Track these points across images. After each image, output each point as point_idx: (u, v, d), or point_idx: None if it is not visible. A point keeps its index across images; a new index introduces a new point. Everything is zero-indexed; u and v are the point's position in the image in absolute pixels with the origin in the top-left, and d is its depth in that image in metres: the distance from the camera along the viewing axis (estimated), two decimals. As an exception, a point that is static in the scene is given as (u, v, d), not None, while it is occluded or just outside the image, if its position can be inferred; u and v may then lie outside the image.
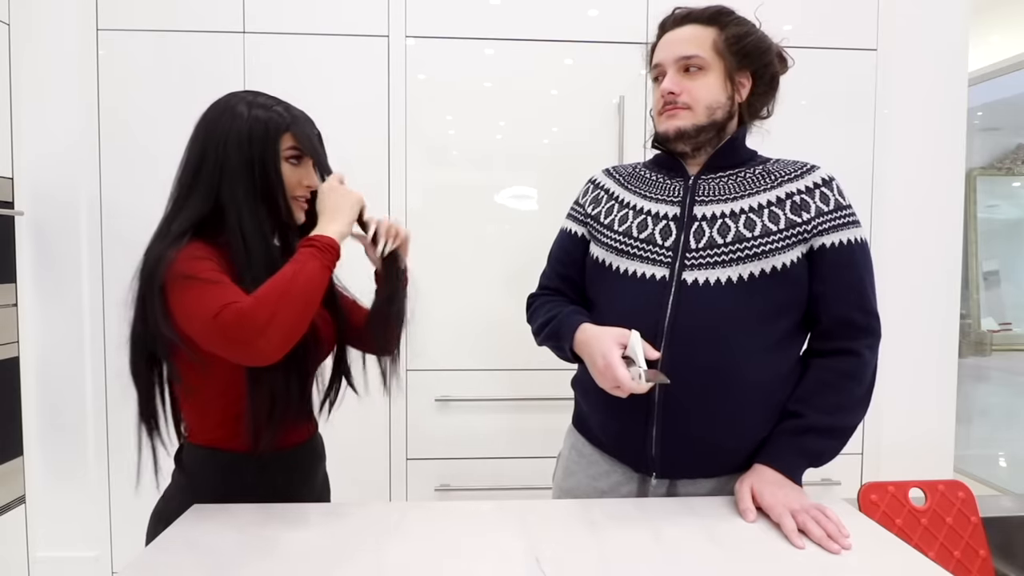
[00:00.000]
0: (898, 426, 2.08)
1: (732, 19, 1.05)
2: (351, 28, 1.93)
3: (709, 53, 1.03)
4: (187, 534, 0.90)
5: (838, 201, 1.03)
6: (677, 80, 1.04)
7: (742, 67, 1.05)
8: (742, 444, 1.02)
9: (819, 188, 1.03)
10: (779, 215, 1.01)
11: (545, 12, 1.96)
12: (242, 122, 0.95)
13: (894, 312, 2.05)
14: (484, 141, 1.98)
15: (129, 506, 1.95)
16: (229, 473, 1.00)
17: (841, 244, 1.01)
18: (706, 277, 1.00)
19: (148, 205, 1.93)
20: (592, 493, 1.11)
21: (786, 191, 1.03)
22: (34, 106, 1.90)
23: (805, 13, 2.00)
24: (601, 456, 1.11)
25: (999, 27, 3.00)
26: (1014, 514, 1.51)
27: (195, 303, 0.86)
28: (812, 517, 0.90)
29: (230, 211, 0.94)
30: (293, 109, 1.00)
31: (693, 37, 1.04)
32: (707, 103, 1.04)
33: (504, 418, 2.00)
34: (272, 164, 0.96)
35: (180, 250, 0.90)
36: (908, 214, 2.05)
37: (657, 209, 1.07)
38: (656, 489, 1.06)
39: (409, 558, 0.83)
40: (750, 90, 1.07)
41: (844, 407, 1.00)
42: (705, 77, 1.04)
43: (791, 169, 1.06)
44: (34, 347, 1.93)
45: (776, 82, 1.10)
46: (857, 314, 1.02)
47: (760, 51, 1.05)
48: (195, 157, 0.97)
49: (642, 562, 0.82)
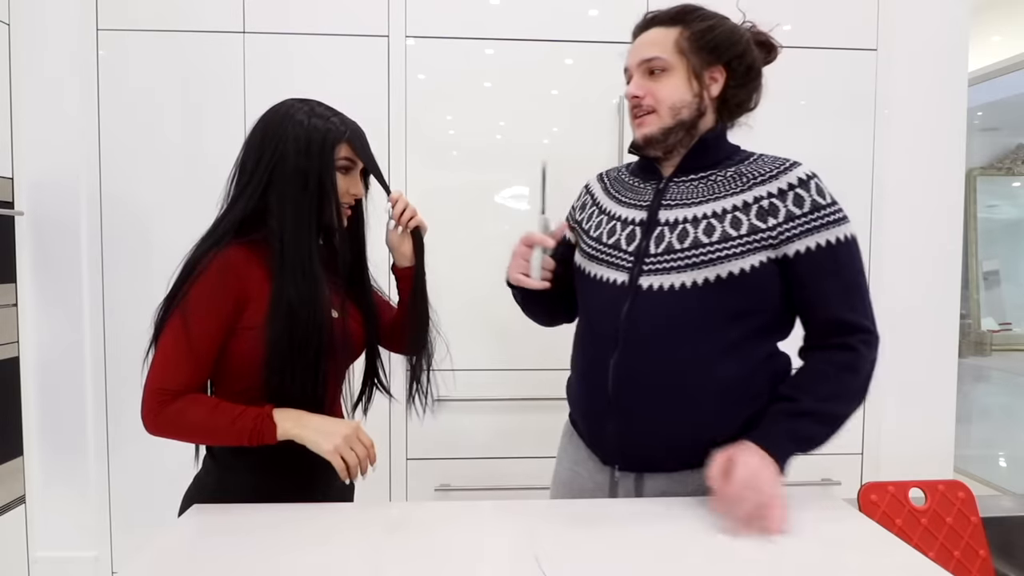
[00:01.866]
0: (898, 426, 2.08)
1: (696, 16, 1.04)
2: (351, 28, 1.93)
3: (671, 53, 1.03)
4: (187, 534, 0.90)
5: (815, 202, 0.99)
6: (640, 83, 1.05)
7: (712, 62, 1.03)
8: (698, 443, 1.01)
9: (793, 190, 1.00)
10: (742, 220, 0.99)
11: (545, 12, 1.96)
12: (301, 130, 0.98)
13: (894, 312, 2.06)
14: (484, 141, 1.98)
15: (129, 506, 1.95)
16: (255, 462, 1.01)
17: (819, 247, 0.99)
18: (660, 282, 1.00)
19: (148, 204, 1.96)
20: (573, 479, 1.14)
21: (755, 195, 1.00)
22: (34, 106, 1.90)
23: (805, 13, 2.00)
24: (582, 443, 1.15)
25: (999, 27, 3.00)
26: (1014, 514, 1.51)
27: (162, 347, 0.96)
28: (757, 515, 0.89)
29: (274, 214, 0.98)
30: (348, 120, 1.04)
31: (655, 39, 1.04)
32: (670, 104, 1.03)
33: (504, 418, 2.00)
34: (328, 173, 0.99)
35: (216, 255, 0.95)
36: (908, 214, 2.05)
37: (627, 215, 1.09)
38: (624, 480, 1.07)
39: (409, 558, 0.83)
40: (725, 84, 1.05)
41: (839, 396, 0.99)
42: (668, 78, 1.03)
43: (767, 169, 1.02)
44: (34, 347, 1.93)
45: (754, 72, 1.07)
46: (849, 315, 1.00)
47: (729, 43, 1.03)
48: (251, 160, 1.00)
49: (642, 562, 0.82)
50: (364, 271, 1.13)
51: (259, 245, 0.98)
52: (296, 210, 0.97)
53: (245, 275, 0.97)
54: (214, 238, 0.98)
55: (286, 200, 0.97)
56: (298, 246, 0.97)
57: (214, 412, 0.94)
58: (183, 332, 0.94)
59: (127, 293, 1.93)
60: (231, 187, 1.03)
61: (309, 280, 0.97)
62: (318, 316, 0.97)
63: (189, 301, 0.94)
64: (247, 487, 1.01)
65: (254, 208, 0.99)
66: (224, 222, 1.00)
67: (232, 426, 0.93)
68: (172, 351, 0.95)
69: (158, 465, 1.87)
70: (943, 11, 2.04)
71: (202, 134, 1.92)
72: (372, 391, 1.19)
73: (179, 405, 0.94)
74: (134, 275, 1.93)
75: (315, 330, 0.97)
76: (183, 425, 0.94)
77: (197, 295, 0.94)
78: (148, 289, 1.90)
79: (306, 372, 0.98)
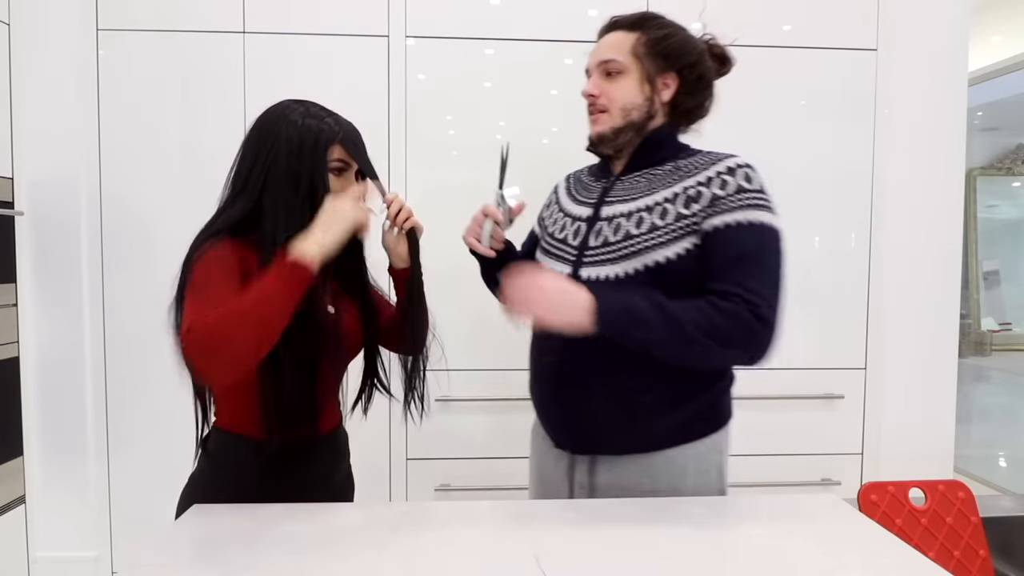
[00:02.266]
0: (898, 426, 2.08)
1: (654, 23, 1.10)
2: (351, 28, 1.93)
3: (627, 57, 1.08)
4: (187, 534, 0.90)
5: (740, 185, 1.01)
6: (597, 83, 1.10)
7: (665, 68, 1.08)
8: (640, 426, 1.06)
9: (720, 176, 1.02)
10: (668, 210, 1.03)
11: (545, 12, 1.96)
12: (294, 130, 0.99)
13: (894, 312, 2.06)
14: (484, 141, 1.98)
15: (129, 506, 1.95)
16: (249, 460, 1.01)
17: (727, 225, 0.99)
18: (598, 274, 1.05)
19: (148, 204, 1.96)
20: (540, 468, 1.20)
21: (684, 185, 1.04)
22: (34, 106, 1.90)
23: (805, 13, 2.00)
24: (545, 433, 1.19)
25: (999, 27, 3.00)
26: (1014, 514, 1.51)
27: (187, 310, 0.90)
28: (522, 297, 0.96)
29: (268, 215, 0.98)
30: (343, 121, 1.04)
31: (615, 43, 1.10)
32: (622, 104, 1.08)
33: (504, 418, 2.00)
34: (321, 173, 0.99)
35: (212, 246, 0.94)
36: (908, 214, 2.05)
37: (577, 211, 1.15)
38: (579, 465, 1.11)
39: (409, 558, 0.83)
40: (676, 90, 1.10)
41: (693, 318, 0.95)
42: (623, 80, 1.08)
43: (703, 162, 1.06)
44: (34, 347, 1.93)
45: (705, 82, 1.12)
46: (737, 290, 0.96)
47: (683, 52, 1.08)
48: (247, 160, 1.01)
49: (642, 562, 0.82)
50: (363, 270, 1.12)
51: (253, 245, 0.98)
52: (289, 212, 0.97)
53: (242, 268, 0.96)
54: (208, 234, 0.98)
55: (279, 202, 0.98)
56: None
57: (247, 294, 0.87)
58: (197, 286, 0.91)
59: (127, 293, 1.93)
60: (227, 186, 1.03)
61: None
62: (314, 315, 0.97)
63: (196, 270, 0.93)
64: (241, 486, 1.01)
65: (251, 210, 0.99)
66: (219, 221, 1.00)
67: (275, 296, 0.87)
68: (203, 290, 0.90)
69: (158, 465, 1.87)
70: (943, 11, 2.04)
71: (202, 134, 1.91)
72: (372, 391, 1.19)
73: (215, 313, 0.85)
74: (134, 275, 1.93)
75: (309, 329, 0.96)
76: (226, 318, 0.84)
77: (204, 268, 0.92)
78: (148, 289, 1.90)
79: (300, 370, 0.98)
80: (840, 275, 2.06)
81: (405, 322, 1.12)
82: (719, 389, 1.11)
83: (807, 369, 2.05)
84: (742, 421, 2.03)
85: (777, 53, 1.99)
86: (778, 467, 2.04)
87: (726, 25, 1.99)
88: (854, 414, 2.07)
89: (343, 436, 1.16)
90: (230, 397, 1.03)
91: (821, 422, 2.06)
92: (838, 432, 2.07)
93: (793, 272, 2.06)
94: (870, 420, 2.07)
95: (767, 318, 0.96)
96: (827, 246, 2.06)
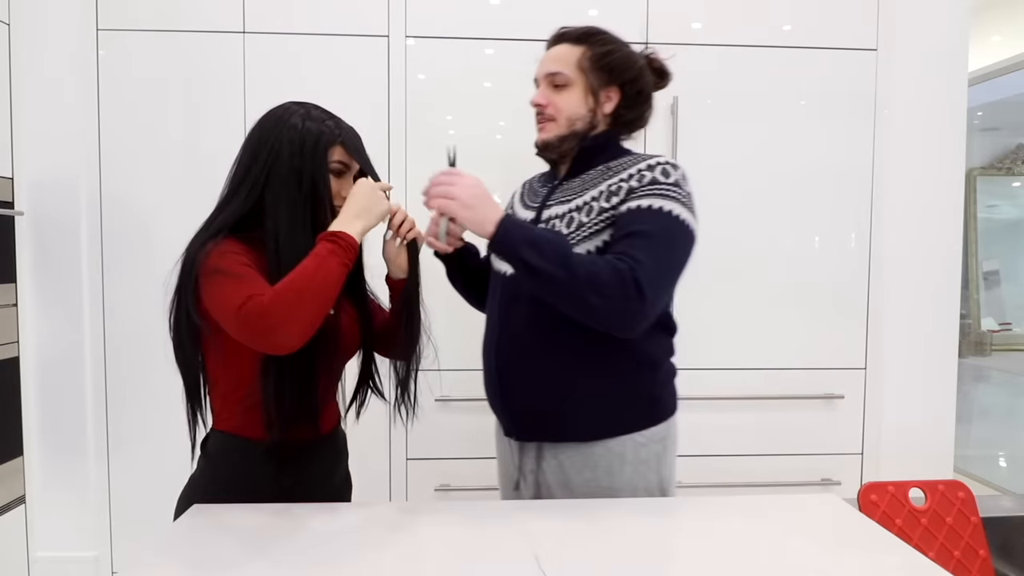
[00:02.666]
0: (898, 426, 2.08)
1: (598, 39, 1.16)
2: (351, 28, 1.93)
3: (573, 70, 1.14)
4: (187, 534, 0.90)
5: (655, 178, 1.07)
6: (545, 94, 1.16)
7: (608, 82, 1.15)
8: (576, 414, 1.11)
9: (640, 172, 1.08)
10: (593, 207, 1.10)
11: (545, 12, 1.96)
12: (295, 133, 1.00)
13: (894, 312, 2.06)
14: (484, 141, 1.98)
15: (129, 506, 1.95)
16: (249, 461, 1.01)
17: (631, 209, 1.05)
18: None
19: (148, 204, 1.96)
20: (501, 459, 1.28)
21: (609, 183, 1.10)
22: (34, 106, 1.90)
23: (805, 13, 2.00)
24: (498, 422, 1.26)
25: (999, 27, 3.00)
26: (1014, 514, 1.51)
27: (223, 295, 0.91)
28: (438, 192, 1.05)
29: (269, 214, 0.99)
30: (343, 124, 1.06)
31: (561, 56, 1.16)
32: (568, 115, 1.15)
33: (504, 418, 2.00)
34: (322, 174, 1.01)
35: (216, 244, 0.96)
36: (908, 214, 2.05)
37: (525, 215, 1.22)
38: (527, 452, 1.17)
39: (409, 558, 0.83)
40: (618, 103, 1.16)
41: (580, 262, 0.99)
42: (569, 92, 1.15)
43: (630, 162, 1.12)
44: (34, 347, 1.93)
45: (644, 96, 1.18)
46: (626, 257, 1.00)
47: (624, 67, 1.15)
48: (247, 160, 1.02)
49: (642, 561, 0.83)
50: (360, 272, 1.13)
51: (254, 243, 0.99)
52: (291, 210, 0.99)
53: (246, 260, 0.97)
54: (209, 233, 0.99)
55: (281, 200, 0.99)
56: (293, 246, 0.97)
57: (304, 266, 0.91)
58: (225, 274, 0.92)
59: (127, 293, 1.93)
60: (227, 185, 1.04)
61: None
62: None
63: (210, 260, 0.93)
64: (240, 487, 1.01)
65: (251, 208, 1.00)
66: (219, 219, 1.01)
67: (325, 262, 0.92)
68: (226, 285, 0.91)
69: (158, 465, 1.87)
70: (943, 11, 2.04)
71: (202, 134, 1.91)
72: (367, 393, 1.19)
73: (273, 292, 0.89)
74: (134, 275, 1.93)
75: None
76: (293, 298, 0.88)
77: (220, 258, 0.94)
78: (148, 289, 1.90)
79: (300, 371, 0.98)
80: (840, 275, 2.06)
81: (400, 329, 1.13)
82: (657, 382, 1.16)
83: (807, 369, 2.05)
84: (742, 421, 2.05)
85: (777, 53, 1.99)
86: (778, 467, 2.04)
87: (727, 26, 2.00)
88: (854, 414, 2.07)
89: (342, 436, 1.17)
90: (229, 399, 1.03)
91: (821, 422, 2.06)
92: (838, 432, 2.07)
93: (793, 272, 2.08)
94: (870, 420, 2.07)
95: (643, 288, 0.99)
96: (827, 246, 2.05)
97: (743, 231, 2.02)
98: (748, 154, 2.01)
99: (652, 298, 0.99)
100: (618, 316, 1.00)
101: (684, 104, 1.95)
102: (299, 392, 0.98)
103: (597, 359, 1.10)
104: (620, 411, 1.12)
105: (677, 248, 1.06)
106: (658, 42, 1.96)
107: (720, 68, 1.98)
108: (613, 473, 1.11)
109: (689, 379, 2.05)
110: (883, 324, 2.06)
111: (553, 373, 1.11)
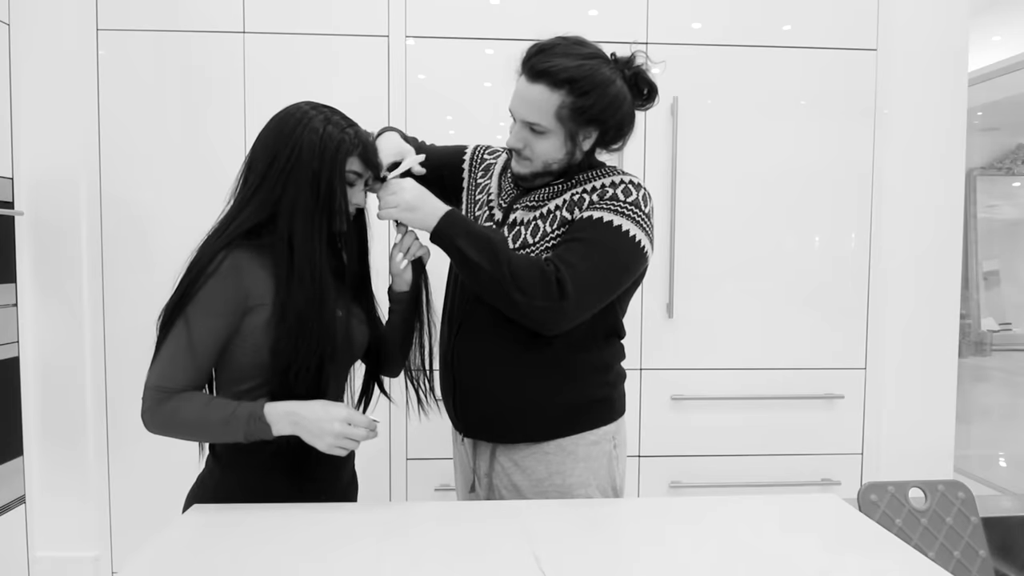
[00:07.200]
0: (898, 426, 2.08)
1: (579, 88, 1.06)
2: (351, 28, 1.93)
3: (550, 120, 1.09)
4: (187, 534, 0.90)
5: (614, 194, 1.09)
6: (521, 136, 1.13)
7: (588, 126, 1.11)
8: (530, 415, 1.14)
9: (604, 187, 1.11)
10: (556, 216, 1.12)
11: (545, 12, 1.96)
12: (316, 136, 0.98)
13: (894, 312, 2.06)
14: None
15: (129, 506, 1.95)
16: (258, 461, 1.01)
17: (581, 219, 1.09)
18: None
19: (148, 204, 1.96)
20: (456, 460, 1.30)
21: (573, 192, 1.13)
22: (34, 106, 1.90)
23: (805, 13, 2.00)
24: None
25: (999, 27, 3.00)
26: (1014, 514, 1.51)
27: (156, 356, 0.97)
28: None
29: (283, 220, 0.98)
30: (362, 132, 1.04)
31: (539, 102, 1.08)
32: (545, 159, 1.13)
33: (504, 418, 2.00)
34: (340, 181, 1.00)
35: (224, 258, 0.96)
36: (908, 214, 2.05)
37: (495, 209, 1.22)
38: (481, 451, 1.19)
39: (409, 558, 0.83)
40: (596, 139, 1.14)
41: (510, 260, 1.04)
42: (546, 139, 1.11)
43: (599, 175, 1.14)
44: (34, 347, 1.93)
45: (624, 131, 1.14)
46: (556, 259, 1.05)
47: (606, 115, 1.09)
48: (264, 160, 1.00)
49: (642, 562, 0.82)
50: (367, 276, 1.14)
51: (265, 249, 0.99)
52: (307, 217, 0.98)
53: (252, 278, 0.97)
54: (223, 239, 0.98)
55: (297, 207, 0.98)
56: (307, 252, 0.97)
57: (206, 410, 0.95)
58: (185, 332, 0.95)
59: (127, 293, 1.93)
60: (239, 187, 1.02)
61: (317, 285, 0.97)
62: (325, 321, 0.98)
63: (196, 302, 0.95)
64: (249, 487, 1.01)
65: (267, 216, 0.99)
66: (234, 224, 0.99)
67: (226, 426, 0.94)
68: (173, 350, 0.95)
69: (158, 465, 1.87)
70: (943, 11, 2.04)
71: (202, 134, 1.91)
72: (372, 392, 1.20)
73: (174, 403, 0.95)
74: (134, 275, 1.93)
75: (322, 335, 0.98)
76: (178, 423, 0.95)
77: (204, 296, 0.95)
78: (148, 289, 1.90)
79: (311, 375, 0.98)
80: (840, 275, 2.06)
81: (396, 344, 1.16)
82: (607, 383, 1.19)
83: (807, 369, 2.05)
84: (743, 421, 2.05)
85: (777, 53, 1.99)
86: (778, 467, 2.04)
87: (727, 25, 2.00)
88: (854, 414, 2.07)
89: None
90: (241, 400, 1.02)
91: (821, 422, 2.06)
92: (838, 432, 2.07)
93: (794, 272, 2.08)
94: (870, 420, 2.07)
95: (567, 290, 1.02)
96: (827, 246, 2.06)
97: (743, 231, 2.02)
98: (748, 154, 2.01)
99: (575, 300, 1.03)
100: (539, 313, 1.03)
101: (684, 104, 1.96)
102: (308, 394, 0.98)
103: (550, 363, 1.13)
104: (572, 412, 1.15)
105: (617, 258, 1.08)
106: (658, 42, 1.96)
107: (720, 68, 1.98)
108: (565, 472, 1.13)
109: (689, 379, 2.06)
110: (883, 324, 2.06)
111: (507, 376, 1.13)
